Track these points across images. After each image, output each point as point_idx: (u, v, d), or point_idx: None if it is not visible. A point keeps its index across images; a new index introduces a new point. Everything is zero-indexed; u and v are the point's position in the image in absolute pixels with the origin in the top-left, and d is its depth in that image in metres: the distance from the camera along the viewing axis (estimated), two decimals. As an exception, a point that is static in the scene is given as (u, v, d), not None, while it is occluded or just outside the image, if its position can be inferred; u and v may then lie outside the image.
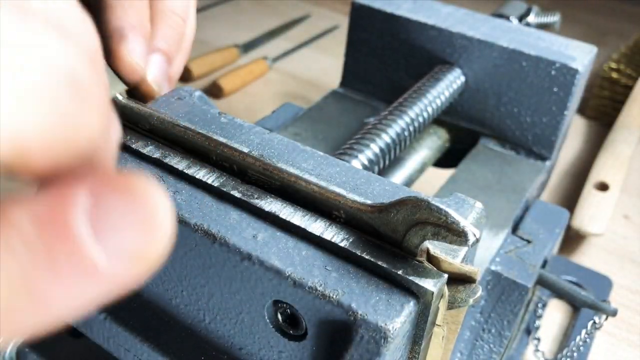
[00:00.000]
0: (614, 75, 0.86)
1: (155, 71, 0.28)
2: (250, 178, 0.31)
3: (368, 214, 0.27)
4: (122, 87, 0.29)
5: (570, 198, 0.72)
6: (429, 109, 0.50)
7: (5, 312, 0.11)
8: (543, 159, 0.55)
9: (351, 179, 0.32)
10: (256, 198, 0.29)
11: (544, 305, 0.57)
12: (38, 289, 0.11)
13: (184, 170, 0.31)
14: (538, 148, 0.55)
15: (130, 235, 0.12)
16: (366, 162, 0.43)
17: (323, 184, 0.29)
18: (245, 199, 0.29)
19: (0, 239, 0.11)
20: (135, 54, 0.28)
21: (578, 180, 0.75)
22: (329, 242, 0.27)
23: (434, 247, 0.26)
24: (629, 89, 0.85)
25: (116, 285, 0.12)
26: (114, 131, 0.14)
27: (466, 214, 0.30)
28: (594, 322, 0.49)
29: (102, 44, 0.28)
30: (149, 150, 0.32)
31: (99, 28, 0.28)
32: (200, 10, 1.12)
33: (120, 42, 0.28)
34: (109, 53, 0.28)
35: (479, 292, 0.26)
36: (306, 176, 0.29)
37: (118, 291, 0.12)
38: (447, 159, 0.59)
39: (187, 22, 0.32)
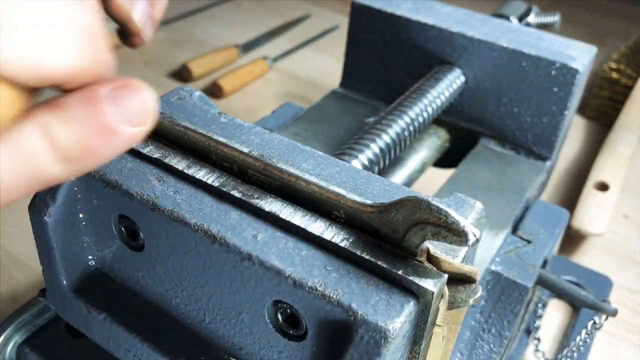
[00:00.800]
0: (614, 75, 0.86)
1: (139, 12, 0.33)
2: (250, 178, 0.31)
3: (368, 214, 0.27)
4: (114, 25, 0.32)
5: (570, 198, 0.72)
6: (429, 109, 0.50)
7: (75, 159, 0.20)
8: (543, 159, 0.55)
9: (351, 179, 0.32)
10: (256, 198, 0.29)
11: (544, 305, 0.57)
12: (89, 143, 0.20)
13: (184, 170, 0.31)
14: (538, 148, 0.55)
15: (135, 111, 0.21)
16: (366, 162, 0.43)
17: (323, 184, 0.29)
18: (245, 199, 0.29)
19: (65, 116, 0.20)
20: None
21: (578, 180, 0.75)
22: (329, 242, 0.27)
23: (434, 247, 0.26)
24: (629, 89, 0.85)
25: (128, 141, 0.21)
26: (112, 59, 0.22)
27: (466, 214, 0.30)
28: (594, 322, 0.49)
29: None
30: (149, 150, 0.32)
31: None
32: (200, 10, 1.12)
33: None
34: None
35: (479, 292, 0.26)
36: (306, 176, 0.29)
37: (128, 145, 0.21)
38: (447, 159, 0.59)
39: None
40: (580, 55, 0.52)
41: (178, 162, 0.32)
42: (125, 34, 0.34)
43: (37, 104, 0.20)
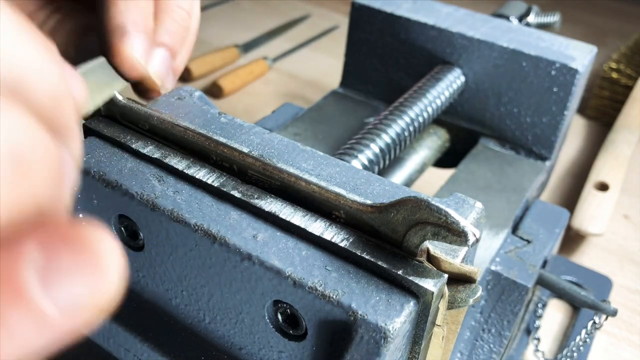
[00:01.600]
0: (614, 75, 0.86)
1: (157, 66, 0.28)
2: (250, 178, 0.31)
3: (368, 214, 0.27)
4: (124, 84, 0.29)
5: (570, 198, 0.72)
6: (429, 109, 0.50)
7: None
8: (543, 159, 0.55)
9: (351, 179, 0.32)
10: (256, 198, 0.29)
11: (544, 305, 0.57)
12: (12, 338, 0.12)
13: (184, 170, 0.31)
14: (538, 148, 0.55)
15: (78, 285, 0.13)
16: (366, 162, 0.43)
17: (323, 184, 0.29)
18: (245, 199, 0.29)
19: None
20: (136, 50, 0.28)
21: (578, 180, 0.75)
22: (329, 242, 0.27)
23: (434, 247, 0.26)
24: (629, 89, 0.85)
25: (67, 332, 0.13)
26: (68, 181, 0.14)
27: (466, 214, 0.30)
28: (594, 322, 0.49)
29: (104, 40, 0.27)
30: (149, 150, 0.32)
31: (101, 25, 0.27)
32: (200, 10, 1.12)
33: (121, 38, 0.27)
34: (110, 50, 0.28)
35: (479, 292, 0.26)
36: (306, 176, 0.29)
37: (70, 337, 0.13)
38: (447, 159, 0.59)
39: (192, 15, 0.32)
40: (580, 55, 0.52)
41: (178, 162, 0.32)
42: (139, 89, 0.29)
43: None
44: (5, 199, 0.12)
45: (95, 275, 0.13)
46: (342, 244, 0.27)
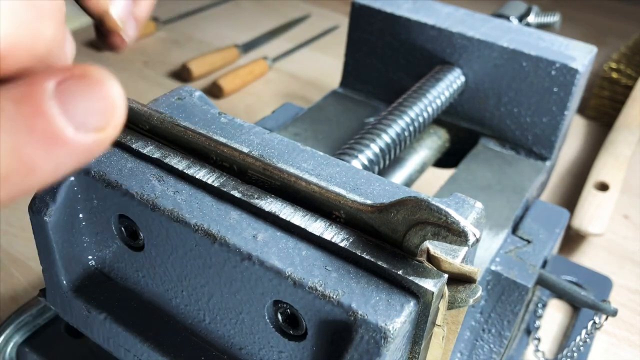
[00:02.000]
0: (614, 75, 0.86)
1: (119, 7, 0.29)
2: (250, 178, 0.31)
3: (368, 214, 0.27)
4: (87, 19, 0.29)
5: (570, 198, 0.72)
6: (429, 109, 0.50)
7: (5, 177, 0.15)
8: (543, 159, 0.55)
9: (351, 179, 0.32)
10: (256, 198, 0.29)
11: (544, 305, 0.57)
12: (25, 156, 0.15)
13: (184, 170, 0.31)
14: (538, 148, 0.55)
15: (91, 111, 0.15)
16: (366, 162, 0.43)
17: (323, 184, 0.29)
18: (245, 199, 0.29)
19: (12, 114, 0.14)
20: None
21: (578, 180, 0.75)
22: (329, 242, 0.27)
23: (434, 247, 0.26)
24: (629, 89, 0.85)
25: (84, 151, 0.16)
26: (69, 46, 0.17)
27: (466, 214, 0.30)
28: (594, 322, 0.49)
29: None
30: (149, 150, 0.32)
31: None
32: (200, 10, 1.12)
33: None
34: None
35: (479, 292, 0.26)
36: (306, 176, 0.29)
37: (85, 158, 0.16)
38: (447, 159, 0.59)
39: None
40: (580, 55, 0.52)
41: (178, 162, 0.32)
42: (102, 32, 0.29)
43: None
44: (22, 27, 0.15)
45: (103, 98, 0.16)
46: (342, 244, 0.27)
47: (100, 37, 0.29)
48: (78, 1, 0.28)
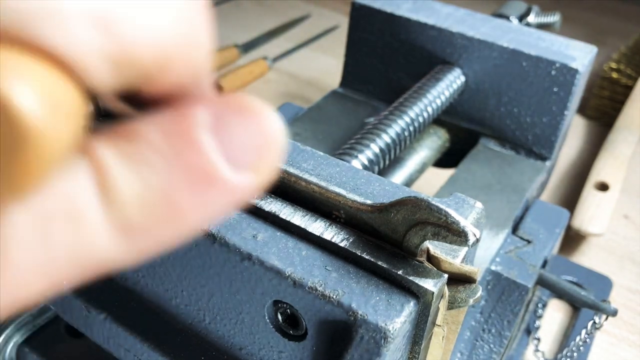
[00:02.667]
0: (614, 75, 0.86)
1: None
2: (250, 178, 0.31)
3: (368, 214, 0.27)
4: None
5: (570, 198, 0.72)
6: (429, 109, 0.50)
7: (149, 223, 0.12)
8: (543, 159, 0.55)
9: (351, 179, 0.32)
10: (256, 198, 0.29)
11: (544, 305, 0.57)
12: (175, 199, 0.12)
13: (184, 170, 0.31)
14: (538, 148, 0.55)
15: (249, 147, 0.13)
16: (366, 162, 0.43)
17: (323, 184, 0.29)
18: (245, 199, 0.29)
19: (135, 152, 0.12)
20: None
21: (578, 180, 0.75)
22: (329, 242, 0.27)
23: (434, 247, 0.26)
24: (629, 89, 0.85)
25: (238, 195, 0.13)
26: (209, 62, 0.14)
27: (466, 214, 0.30)
28: (594, 322, 0.49)
29: None
30: (149, 150, 0.32)
31: None
32: (200, 10, 1.12)
33: None
34: None
35: (479, 292, 0.26)
36: (306, 176, 0.29)
37: (239, 201, 0.13)
38: (447, 159, 0.59)
39: None
40: (580, 55, 0.52)
41: (178, 162, 0.32)
42: None
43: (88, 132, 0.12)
44: (189, 27, 0.13)
45: (264, 141, 0.13)
46: (342, 244, 0.27)
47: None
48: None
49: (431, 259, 0.26)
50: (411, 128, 0.48)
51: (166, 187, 0.12)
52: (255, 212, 0.29)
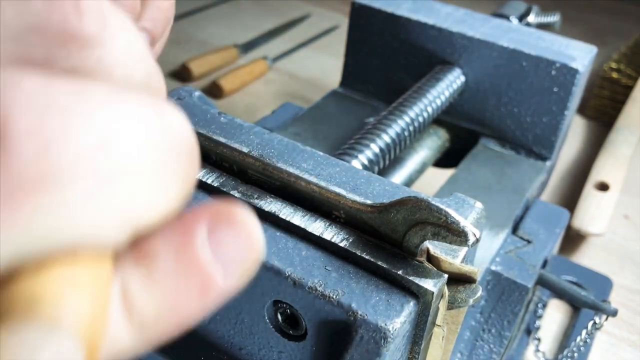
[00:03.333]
0: (614, 75, 0.86)
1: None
2: (250, 178, 0.31)
3: (368, 214, 0.27)
4: None
5: (570, 198, 0.72)
6: (429, 109, 0.50)
7: (159, 325, 0.15)
8: (543, 159, 0.55)
9: (351, 179, 0.32)
10: (256, 198, 0.29)
11: (544, 306, 0.57)
12: (180, 307, 0.15)
13: (184, 170, 0.31)
14: (538, 148, 0.55)
15: (238, 255, 0.15)
16: (366, 162, 0.43)
17: (323, 184, 0.29)
18: (245, 199, 0.29)
19: (151, 276, 0.14)
20: None
21: (578, 180, 0.75)
22: (329, 242, 0.27)
23: (434, 247, 0.26)
24: (629, 89, 0.85)
25: (225, 295, 0.15)
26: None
27: (466, 214, 0.30)
28: (594, 322, 0.49)
29: None
30: (149, 150, 0.32)
31: None
32: (200, 10, 1.12)
33: None
34: None
35: (479, 292, 0.26)
36: (306, 176, 0.29)
37: (224, 300, 0.15)
38: (447, 159, 0.59)
39: (173, 6, 0.33)
40: (580, 55, 0.52)
41: (178, 162, 0.32)
42: None
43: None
44: (186, 185, 0.15)
45: (249, 247, 0.15)
46: (342, 244, 0.27)
47: None
48: None
49: (431, 259, 0.26)
50: (411, 128, 0.48)
51: (174, 295, 0.14)
52: (255, 212, 0.29)
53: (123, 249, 0.14)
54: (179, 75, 0.92)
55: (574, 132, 0.85)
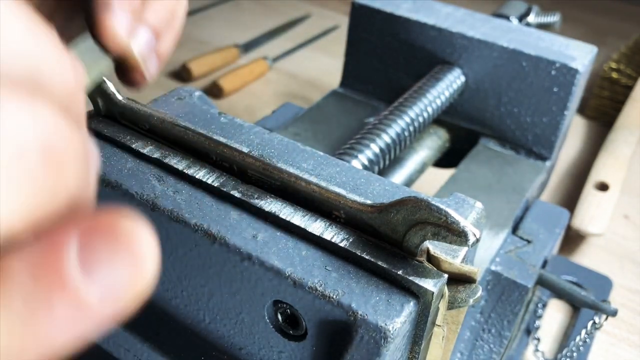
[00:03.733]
0: (614, 75, 0.86)
1: (140, 44, 0.28)
2: (250, 178, 0.31)
3: (368, 214, 0.27)
4: (109, 63, 0.28)
5: (570, 198, 0.72)
6: (429, 109, 0.50)
7: (12, 353, 0.12)
8: (543, 159, 0.55)
9: (351, 179, 0.32)
10: (256, 198, 0.29)
11: (544, 305, 0.57)
12: (39, 331, 0.12)
13: (184, 170, 0.31)
14: (538, 148, 0.55)
15: (117, 273, 0.13)
16: (366, 162, 0.43)
17: (323, 184, 0.29)
18: (245, 199, 0.29)
19: (1, 294, 0.12)
20: (119, 23, 0.27)
21: (578, 180, 0.75)
22: (329, 242, 0.27)
23: (434, 247, 0.26)
24: (629, 89, 0.85)
25: (107, 319, 0.13)
26: (93, 170, 0.14)
27: (466, 214, 0.30)
28: (594, 322, 0.49)
29: (90, 15, 0.27)
30: (149, 150, 0.32)
31: (88, 1, 0.27)
32: (200, 10, 1.12)
33: (105, 12, 0.27)
34: (94, 23, 0.27)
35: (479, 292, 0.26)
36: (306, 176, 0.29)
37: (109, 324, 0.13)
38: (447, 159, 0.59)
39: (179, 1, 0.32)
40: (580, 55, 0.52)
41: (178, 162, 0.32)
42: (122, 69, 0.28)
43: None
44: (41, 195, 0.12)
45: (132, 264, 0.13)
46: (342, 244, 0.27)
47: (119, 74, 0.28)
48: (96, 39, 0.27)
49: (431, 259, 0.26)
50: (411, 128, 0.48)
51: (35, 326, 0.12)
52: (255, 212, 0.29)
53: None
54: (179, 75, 0.92)
55: (574, 132, 0.85)
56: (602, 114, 0.88)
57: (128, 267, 0.13)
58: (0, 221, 0.12)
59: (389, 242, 0.27)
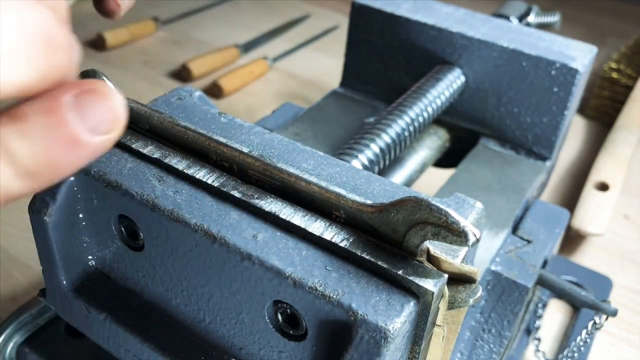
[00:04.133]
0: (614, 75, 0.86)
1: None
2: (250, 178, 0.31)
3: (368, 214, 0.27)
4: None
5: (570, 198, 0.72)
6: (429, 109, 0.50)
7: (37, 174, 0.19)
8: (543, 159, 0.55)
9: (351, 179, 0.32)
10: (256, 198, 0.29)
11: (544, 306, 0.57)
12: (52, 157, 0.19)
13: (184, 170, 0.31)
14: (538, 148, 0.55)
15: (101, 118, 0.20)
16: (366, 162, 0.43)
17: (323, 184, 0.29)
18: (245, 199, 0.29)
19: (24, 129, 0.18)
20: None
21: (578, 180, 0.75)
22: (329, 242, 0.27)
23: (434, 247, 0.26)
24: (629, 89, 0.85)
25: (94, 151, 0.20)
26: (75, 54, 0.20)
27: (466, 214, 0.30)
28: (594, 322, 0.49)
29: None
30: (149, 150, 0.32)
31: None
32: (200, 10, 1.12)
33: None
34: None
35: (479, 292, 0.26)
36: (306, 176, 0.29)
37: (95, 155, 0.20)
38: (447, 159, 0.59)
39: None
40: (580, 55, 0.52)
41: (178, 162, 0.32)
42: (98, 3, 0.30)
43: None
44: (44, 65, 0.18)
45: (109, 107, 0.20)
46: (342, 244, 0.27)
47: (96, 3, 0.30)
48: None
49: (431, 259, 0.26)
50: (411, 128, 0.48)
51: (47, 150, 0.19)
52: (256, 212, 0.29)
53: None
54: (179, 75, 0.92)
55: (574, 132, 0.85)
56: (602, 114, 0.88)
57: (107, 111, 0.20)
58: (22, 79, 0.18)
59: (389, 242, 0.27)
